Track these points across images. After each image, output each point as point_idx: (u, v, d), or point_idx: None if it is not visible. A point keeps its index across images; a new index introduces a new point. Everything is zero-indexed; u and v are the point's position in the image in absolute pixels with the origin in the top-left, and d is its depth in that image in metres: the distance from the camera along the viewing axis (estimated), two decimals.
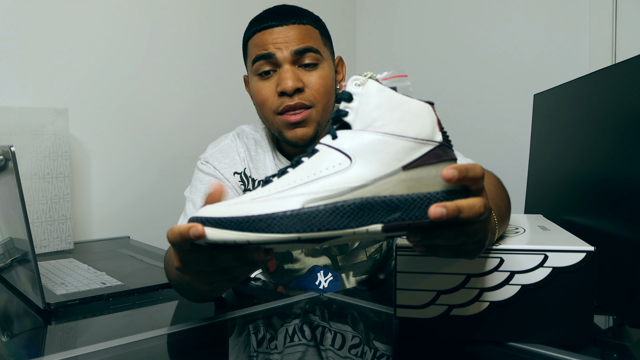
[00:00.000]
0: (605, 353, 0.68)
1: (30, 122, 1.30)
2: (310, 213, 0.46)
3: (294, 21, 0.93)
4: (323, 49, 0.96)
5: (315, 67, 0.94)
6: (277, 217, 0.46)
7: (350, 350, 0.67)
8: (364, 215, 0.47)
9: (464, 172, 0.48)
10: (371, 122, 0.50)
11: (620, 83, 0.78)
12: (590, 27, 1.56)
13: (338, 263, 1.03)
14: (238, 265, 0.53)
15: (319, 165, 0.49)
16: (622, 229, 0.74)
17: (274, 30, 0.92)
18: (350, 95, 0.51)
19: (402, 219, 0.47)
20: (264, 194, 0.48)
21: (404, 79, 0.53)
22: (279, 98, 0.93)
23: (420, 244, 0.51)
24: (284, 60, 0.92)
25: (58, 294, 0.89)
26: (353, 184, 0.48)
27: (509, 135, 1.75)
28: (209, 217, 0.47)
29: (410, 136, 0.50)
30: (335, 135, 0.51)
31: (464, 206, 0.47)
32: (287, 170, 0.51)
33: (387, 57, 2.13)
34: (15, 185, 0.80)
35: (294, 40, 0.92)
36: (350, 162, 0.49)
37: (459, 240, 0.51)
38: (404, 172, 0.49)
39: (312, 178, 0.48)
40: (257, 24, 0.95)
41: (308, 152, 0.52)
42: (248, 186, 1.02)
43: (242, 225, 0.46)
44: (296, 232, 0.46)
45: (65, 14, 1.47)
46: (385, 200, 0.47)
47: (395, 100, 0.51)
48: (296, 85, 0.91)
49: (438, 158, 0.50)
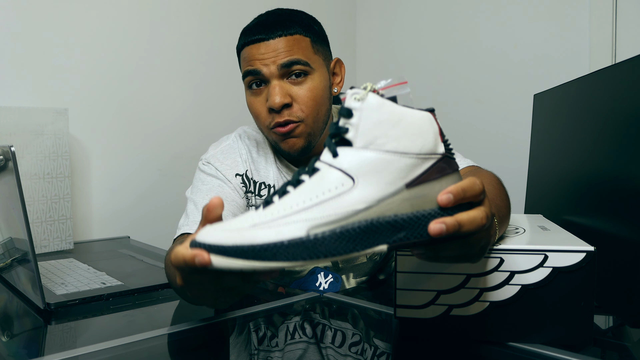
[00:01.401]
0: (605, 353, 0.68)
1: (30, 122, 1.30)
2: (315, 241, 0.45)
3: (280, 33, 0.91)
4: (313, 58, 0.94)
5: (305, 77, 0.93)
6: (282, 246, 0.45)
7: (350, 348, 0.67)
8: (369, 238, 0.47)
9: (461, 193, 0.49)
10: (373, 139, 0.49)
11: (620, 83, 0.78)
12: (590, 27, 1.56)
13: (339, 265, 1.03)
14: (243, 284, 0.52)
15: (321, 187, 0.48)
16: (622, 229, 0.74)
17: (260, 45, 0.92)
18: (350, 111, 0.50)
19: (407, 238, 0.47)
20: (267, 219, 0.47)
21: (403, 86, 0.52)
22: (269, 114, 0.93)
23: (424, 256, 0.51)
24: (271, 76, 0.91)
25: (58, 294, 0.89)
26: (357, 207, 0.47)
27: (509, 135, 1.75)
28: (212, 245, 0.46)
29: (413, 152, 0.49)
30: (335, 153, 0.50)
31: (465, 220, 0.48)
32: (287, 190, 0.49)
33: (387, 57, 2.13)
34: (15, 185, 0.80)
35: (280, 54, 0.91)
36: (353, 183, 0.48)
37: (463, 251, 0.51)
38: (408, 190, 0.48)
39: (315, 201, 0.47)
40: (245, 37, 0.94)
41: (308, 171, 0.50)
42: (249, 188, 1.02)
43: (247, 255, 0.45)
44: (302, 259, 0.45)
45: (65, 14, 1.47)
46: (390, 221, 0.47)
47: (396, 114, 0.50)
48: (283, 101, 0.91)
49: (441, 172, 0.50)
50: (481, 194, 0.50)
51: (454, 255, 0.52)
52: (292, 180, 0.50)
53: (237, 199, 0.99)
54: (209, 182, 1.00)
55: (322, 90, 0.95)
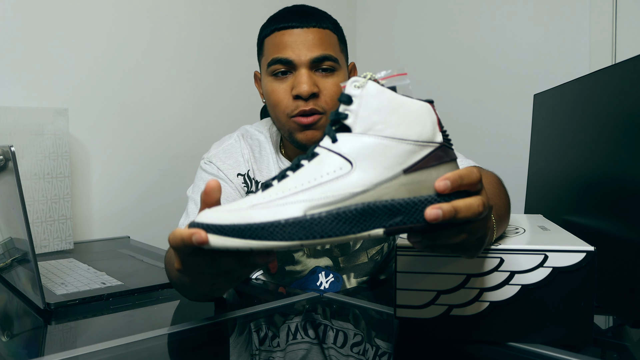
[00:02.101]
0: (605, 353, 0.68)
1: (30, 122, 1.30)
2: (312, 220, 0.46)
3: (314, 24, 0.92)
4: (340, 55, 0.95)
5: (332, 72, 0.93)
6: (279, 225, 0.46)
7: (352, 348, 0.67)
8: (365, 220, 0.47)
9: (458, 180, 0.49)
10: (371, 125, 0.50)
11: (620, 83, 0.78)
12: (590, 27, 1.56)
13: (339, 264, 1.03)
14: (239, 267, 0.53)
15: (319, 170, 0.49)
16: (622, 229, 0.74)
17: (293, 32, 0.91)
18: (350, 97, 0.51)
19: (404, 222, 0.48)
20: (265, 200, 0.48)
21: (403, 77, 0.53)
22: (293, 101, 0.92)
23: (421, 244, 0.51)
24: (301, 64, 0.91)
25: (58, 294, 0.89)
26: (354, 190, 0.47)
27: (509, 135, 1.75)
28: (210, 224, 0.46)
29: (411, 139, 0.50)
30: (335, 139, 0.50)
31: (461, 206, 0.48)
32: (287, 174, 0.50)
33: (387, 57, 2.13)
34: (15, 185, 0.80)
35: (312, 46, 0.91)
36: (351, 167, 0.48)
37: (460, 239, 0.51)
38: (405, 175, 0.49)
39: (312, 184, 0.48)
40: (276, 23, 0.93)
41: (308, 155, 0.51)
42: (251, 188, 1.02)
43: (244, 233, 0.46)
44: (299, 239, 0.46)
45: (65, 14, 1.47)
46: (386, 205, 0.47)
47: (395, 102, 0.50)
48: (312, 90, 0.90)
49: (439, 160, 0.50)
50: (478, 182, 0.50)
51: (451, 244, 0.51)
52: (291, 166, 0.51)
53: (238, 198, 0.99)
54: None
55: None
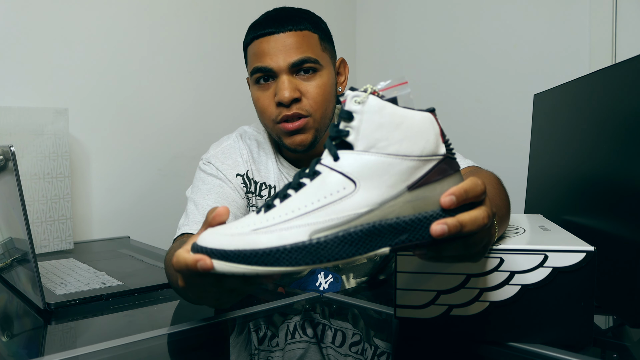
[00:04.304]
0: (605, 353, 0.68)
1: (30, 122, 1.30)
2: (318, 245, 0.45)
3: (290, 27, 0.91)
4: (322, 55, 0.95)
5: (314, 74, 0.93)
6: (284, 250, 0.45)
7: (350, 348, 0.67)
8: (371, 241, 0.47)
9: (464, 195, 0.49)
10: (374, 142, 0.49)
11: (620, 83, 0.78)
12: (590, 27, 1.56)
13: (339, 265, 1.03)
14: (244, 286, 0.52)
15: (322, 191, 0.48)
16: (622, 229, 0.74)
17: (270, 39, 0.91)
18: (351, 114, 0.49)
19: (409, 240, 0.48)
20: (269, 223, 0.47)
21: (404, 86, 0.52)
22: (277, 108, 0.93)
23: (426, 256, 0.51)
24: (280, 71, 0.91)
25: (58, 294, 0.89)
26: (359, 210, 0.47)
27: (509, 135, 1.75)
28: (214, 249, 0.46)
29: (415, 155, 0.49)
30: (337, 156, 0.49)
31: (467, 220, 0.48)
32: (288, 194, 0.49)
33: (387, 57, 2.13)
34: (15, 185, 0.80)
35: (290, 50, 0.91)
36: (355, 187, 0.48)
37: (464, 250, 0.51)
38: (410, 192, 0.48)
39: (316, 205, 0.47)
40: (254, 31, 0.94)
41: (309, 174, 0.50)
42: (250, 188, 1.02)
43: (249, 260, 0.45)
44: (305, 264, 0.45)
45: (65, 14, 1.47)
46: (392, 224, 0.47)
47: (397, 117, 0.49)
48: (292, 96, 0.90)
49: (442, 174, 0.50)
50: (483, 194, 0.50)
51: (456, 254, 0.52)
52: (292, 184, 0.50)
53: (237, 199, 0.99)
54: (210, 182, 1.00)
55: (330, 87, 0.96)
